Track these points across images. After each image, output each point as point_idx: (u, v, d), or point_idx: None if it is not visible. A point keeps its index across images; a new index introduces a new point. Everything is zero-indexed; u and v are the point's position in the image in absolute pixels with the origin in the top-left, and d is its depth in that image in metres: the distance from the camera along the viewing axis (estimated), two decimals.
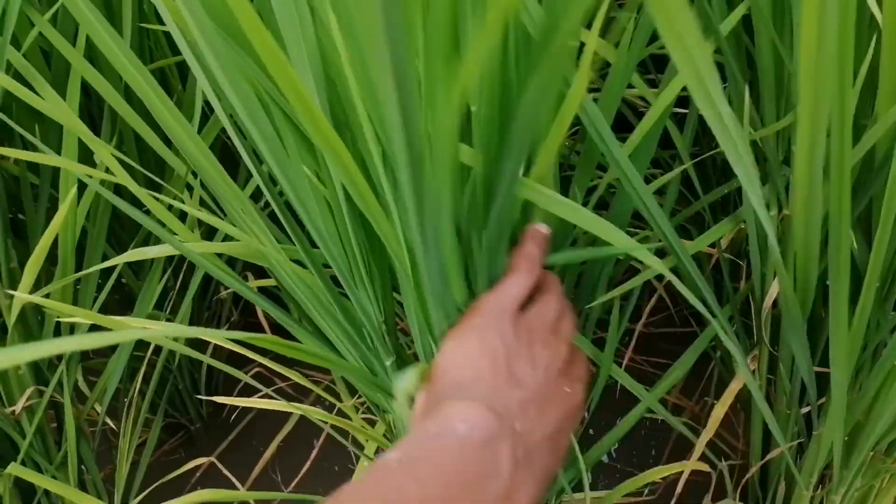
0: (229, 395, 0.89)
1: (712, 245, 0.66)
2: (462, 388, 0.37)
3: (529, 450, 0.36)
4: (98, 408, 0.66)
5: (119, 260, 0.49)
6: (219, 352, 0.88)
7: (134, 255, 0.49)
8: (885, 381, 0.51)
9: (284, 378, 0.72)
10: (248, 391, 0.82)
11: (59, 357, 0.60)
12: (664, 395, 0.81)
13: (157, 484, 0.66)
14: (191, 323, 0.76)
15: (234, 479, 0.65)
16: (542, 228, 0.44)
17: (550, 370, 0.40)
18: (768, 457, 0.61)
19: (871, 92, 0.46)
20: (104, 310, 0.67)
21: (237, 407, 0.87)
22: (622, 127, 0.80)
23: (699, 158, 0.70)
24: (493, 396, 0.36)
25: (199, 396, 0.82)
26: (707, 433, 0.61)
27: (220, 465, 0.65)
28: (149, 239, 0.67)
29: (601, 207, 0.58)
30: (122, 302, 0.74)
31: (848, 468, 0.55)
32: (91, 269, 0.54)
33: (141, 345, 0.68)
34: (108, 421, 0.67)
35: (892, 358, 0.49)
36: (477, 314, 0.40)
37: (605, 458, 0.84)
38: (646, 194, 0.38)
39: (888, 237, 0.42)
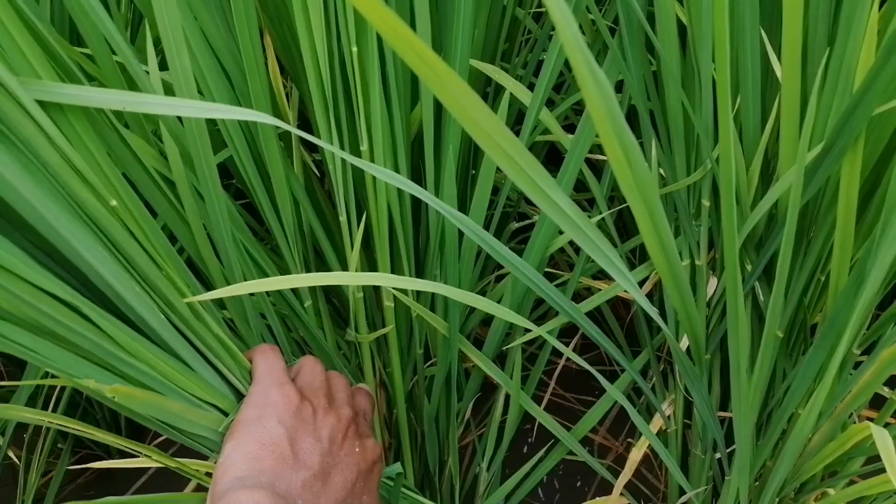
0: None
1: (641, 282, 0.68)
2: (244, 480, 0.39)
3: None
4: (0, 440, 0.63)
5: None
6: None
7: None
8: (787, 427, 0.52)
9: None
10: None
11: None
12: (591, 434, 0.82)
13: None
14: None
15: None
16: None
17: (336, 436, 0.43)
18: (680, 501, 0.62)
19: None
20: None
21: (160, 434, 0.85)
22: (554, 161, 0.82)
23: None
24: (275, 482, 0.39)
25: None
26: (624, 476, 0.61)
27: None
28: None
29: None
30: None
31: None
32: None
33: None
34: (12, 455, 0.64)
35: (792, 405, 0.51)
36: (253, 405, 0.42)
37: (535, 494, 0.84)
38: (537, 277, 0.39)
39: (784, 288, 0.44)
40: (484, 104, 0.25)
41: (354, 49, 0.41)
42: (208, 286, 0.44)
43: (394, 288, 0.49)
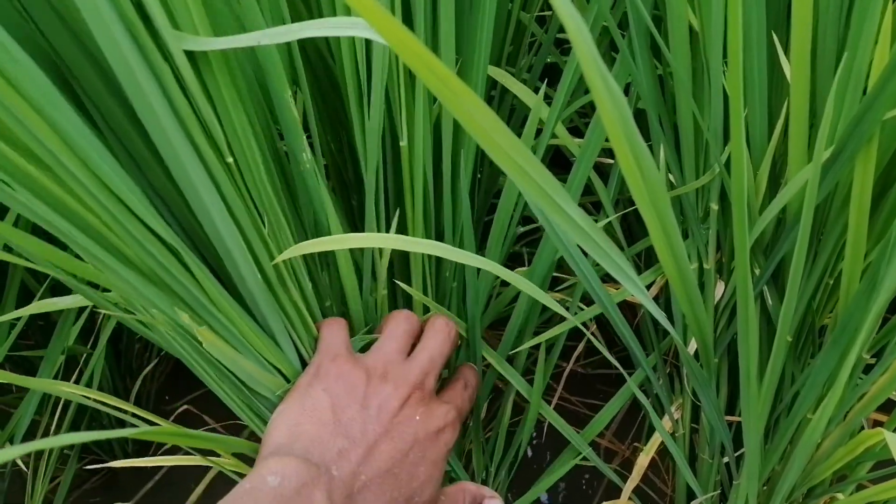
0: None
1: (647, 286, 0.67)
2: (281, 447, 0.40)
3: (353, 490, 0.40)
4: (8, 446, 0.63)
5: (25, 312, 0.48)
6: (148, 382, 0.85)
7: (42, 306, 0.48)
8: (796, 432, 0.52)
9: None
10: (180, 423, 0.80)
11: None
12: (597, 438, 0.81)
13: None
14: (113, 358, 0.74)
15: None
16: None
17: (387, 405, 0.42)
18: None
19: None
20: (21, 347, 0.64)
21: (164, 442, 0.85)
22: (558, 163, 0.82)
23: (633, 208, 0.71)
24: (309, 449, 0.39)
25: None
26: (632, 481, 0.61)
27: None
28: None
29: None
30: (48, 334, 0.71)
31: None
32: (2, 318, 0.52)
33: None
34: (19, 462, 0.64)
35: (803, 410, 0.50)
36: (306, 374, 0.43)
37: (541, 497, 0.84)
38: (572, 247, 0.39)
39: (796, 294, 0.44)
40: (502, 123, 0.24)
41: None
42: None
43: (418, 291, 0.50)
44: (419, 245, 0.43)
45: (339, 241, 0.44)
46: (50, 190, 0.34)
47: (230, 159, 0.37)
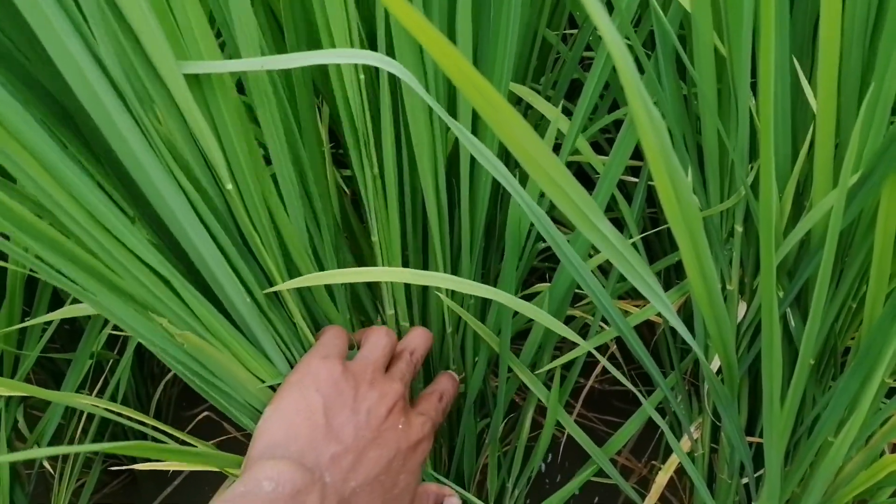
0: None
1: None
2: (275, 448, 0.39)
3: (343, 496, 0.40)
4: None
5: (56, 315, 0.49)
6: (169, 387, 0.86)
7: (70, 311, 0.49)
8: (817, 454, 0.52)
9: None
10: (199, 430, 0.81)
11: None
12: (614, 455, 0.81)
13: None
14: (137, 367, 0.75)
15: None
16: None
17: (376, 411, 0.43)
18: None
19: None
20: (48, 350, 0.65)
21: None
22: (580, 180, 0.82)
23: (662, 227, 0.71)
24: (304, 453, 0.40)
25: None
26: (650, 499, 0.61)
27: None
28: None
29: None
30: (74, 339, 0.73)
31: None
32: (32, 322, 0.53)
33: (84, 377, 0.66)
34: (46, 464, 0.65)
35: (825, 433, 0.50)
36: (296, 371, 0.43)
37: None
38: (585, 271, 0.39)
39: (820, 318, 0.44)
40: (536, 135, 0.25)
41: None
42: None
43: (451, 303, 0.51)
44: (424, 278, 0.44)
45: (336, 276, 0.44)
46: (45, 232, 0.35)
47: (229, 186, 0.38)
